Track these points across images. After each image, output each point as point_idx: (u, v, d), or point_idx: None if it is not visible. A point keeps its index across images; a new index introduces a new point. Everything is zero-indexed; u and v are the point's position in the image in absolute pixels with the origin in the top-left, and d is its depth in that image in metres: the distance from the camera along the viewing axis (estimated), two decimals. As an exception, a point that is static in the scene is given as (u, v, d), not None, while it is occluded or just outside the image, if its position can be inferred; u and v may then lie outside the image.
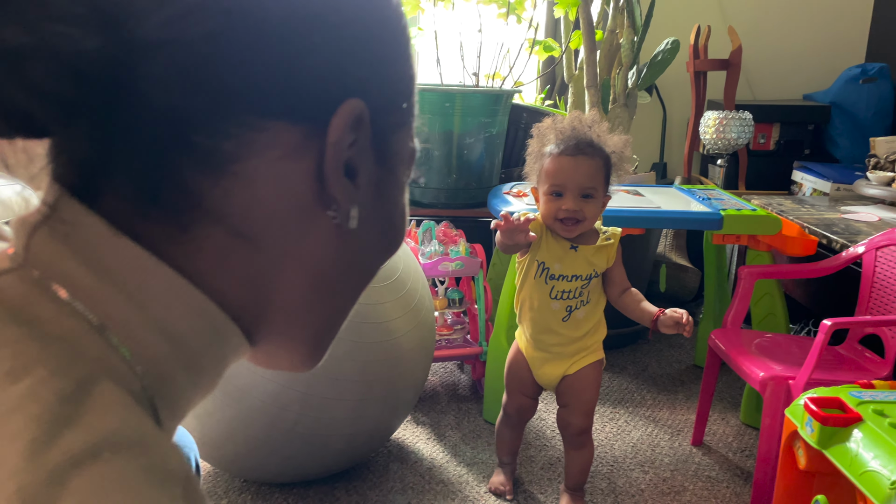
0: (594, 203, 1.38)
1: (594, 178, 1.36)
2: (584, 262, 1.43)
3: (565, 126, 1.40)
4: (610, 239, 1.45)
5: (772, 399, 1.52)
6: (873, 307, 1.69)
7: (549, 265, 1.43)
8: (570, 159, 1.35)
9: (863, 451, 1.15)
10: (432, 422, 1.93)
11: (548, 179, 1.38)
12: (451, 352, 2.05)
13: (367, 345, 1.46)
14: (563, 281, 1.43)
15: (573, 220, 1.36)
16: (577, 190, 1.35)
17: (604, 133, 1.41)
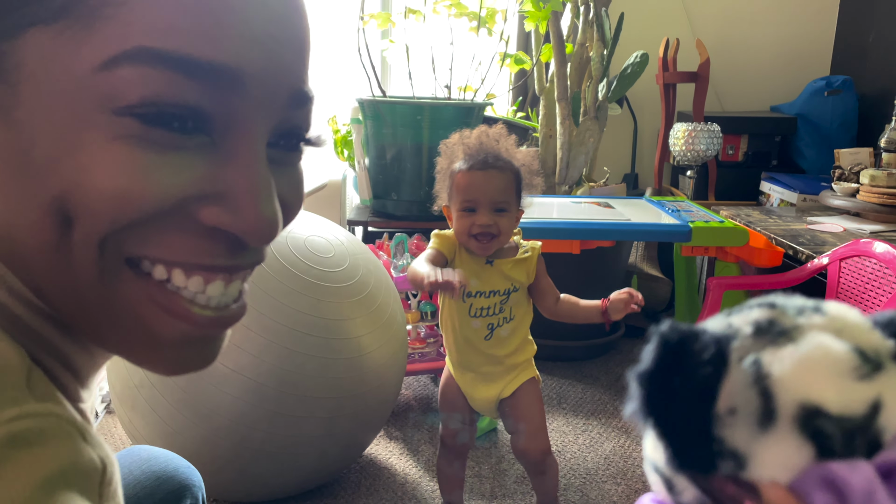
0: (508, 217, 1.33)
1: (506, 192, 1.33)
2: (500, 277, 1.38)
3: (472, 141, 1.37)
4: (528, 252, 1.40)
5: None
6: (838, 317, 1.72)
7: (466, 283, 1.39)
8: (480, 174, 1.32)
9: (827, 462, 1.17)
10: (405, 437, 1.92)
11: (459, 195, 1.33)
12: (424, 365, 2.05)
13: (337, 360, 1.45)
14: (481, 297, 1.37)
15: (488, 236, 1.32)
16: (489, 204, 1.31)
17: (511, 147, 1.38)
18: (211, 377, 1.36)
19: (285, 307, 1.40)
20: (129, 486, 0.78)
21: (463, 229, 1.33)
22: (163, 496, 0.81)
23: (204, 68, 0.34)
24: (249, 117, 0.38)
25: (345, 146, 2.70)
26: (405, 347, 1.68)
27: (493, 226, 1.31)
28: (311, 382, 1.42)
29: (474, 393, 1.43)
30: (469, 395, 1.43)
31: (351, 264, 1.55)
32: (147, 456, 0.82)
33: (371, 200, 2.46)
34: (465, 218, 1.32)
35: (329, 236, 1.58)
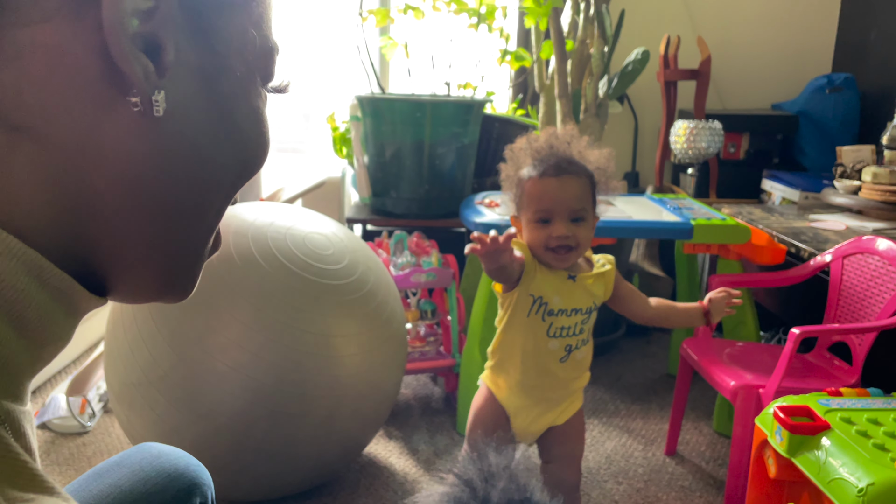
0: (586, 226, 1.23)
1: (583, 199, 1.23)
2: (584, 294, 1.27)
3: (542, 145, 1.27)
4: (606, 265, 1.31)
5: (742, 408, 1.52)
6: (841, 315, 1.71)
7: (548, 299, 1.25)
8: (554, 181, 1.22)
9: (831, 459, 1.15)
10: (405, 436, 1.91)
11: (532, 205, 1.23)
12: (423, 364, 2.04)
13: (335, 359, 1.43)
14: (563, 316, 1.26)
15: (566, 248, 1.22)
16: (566, 213, 1.21)
17: (584, 149, 1.28)
18: (209, 375, 1.35)
19: (284, 304, 1.39)
20: (140, 483, 0.78)
21: (538, 242, 1.23)
22: (174, 493, 0.80)
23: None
24: None
25: (343, 143, 2.69)
26: (405, 346, 1.66)
27: (572, 237, 1.21)
28: (310, 381, 1.41)
29: (526, 419, 1.31)
30: (516, 421, 1.31)
31: (350, 262, 1.53)
32: (157, 453, 0.82)
33: (370, 198, 2.45)
34: (539, 229, 1.22)
35: (328, 233, 1.57)
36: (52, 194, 0.31)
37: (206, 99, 0.35)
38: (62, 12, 0.29)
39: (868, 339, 1.56)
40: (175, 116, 0.34)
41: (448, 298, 2.06)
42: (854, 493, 1.08)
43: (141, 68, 0.31)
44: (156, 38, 0.32)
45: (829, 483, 1.13)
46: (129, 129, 0.32)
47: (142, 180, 0.34)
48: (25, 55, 0.29)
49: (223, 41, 0.36)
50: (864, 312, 1.63)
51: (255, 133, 0.39)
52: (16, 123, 0.30)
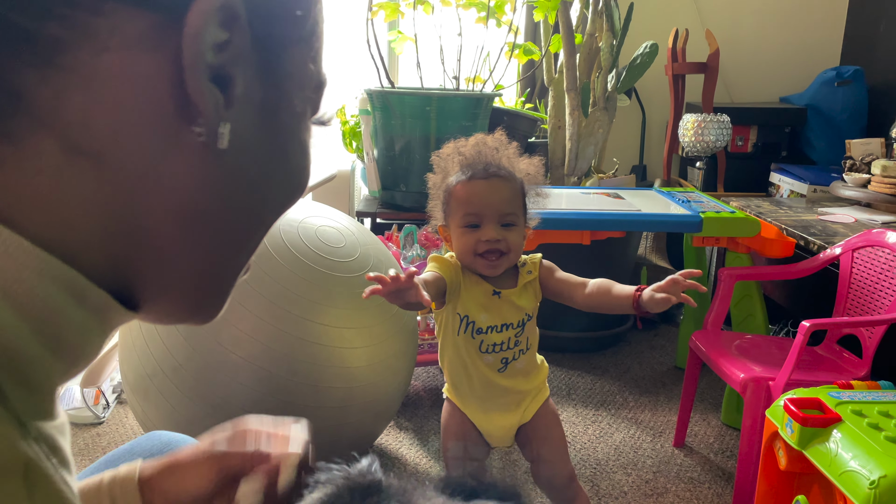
0: (516, 232, 1.19)
1: (513, 203, 1.18)
2: (511, 309, 1.23)
3: (469, 150, 1.22)
4: (531, 272, 1.25)
5: (752, 400, 1.53)
6: (850, 308, 1.71)
7: (475, 317, 1.22)
8: (482, 183, 1.17)
9: (842, 452, 1.16)
10: (416, 427, 1.93)
11: (460, 209, 1.18)
12: (433, 356, 2.05)
13: (348, 351, 1.45)
14: (493, 333, 1.22)
15: (496, 253, 1.17)
16: (496, 217, 1.16)
17: (514, 156, 1.24)
18: (222, 367, 1.37)
19: (296, 296, 1.40)
20: None
21: (466, 248, 1.18)
22: None
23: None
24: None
25: (353, 137, 2.70)
26: (415, 338, 1.68)
27: (502, 241, 1.17)
28: (322, 372, 1.42)
29: (489, 425, 1.28)
30: (484, 428, 1.29)
31: (362, 254, 1.54)
32: (167, 440, 0.82)
33: (380, 192, 2.46)
34: (468, 234, 1.17)
35: (340, 226, 1.58)
36: (106, 218, 0.32)
37: (264, 132, 0.36)
38: (142, 42, 0.30)
39: (878, 332, 1.57)
40: (235, 149, 0.34)
41: (457, 291, 2.07)
42: (866, 485, 1.09)
43: (213, 100, 0.31)
44: (226, 70, 0.32)
45: (841, 475, 1.14)
46: (191, 159, 0.33)
47: (196, 210, 0.34)
48: (99, 80, 0.29)
49: (287, 76, 0.36)
50: (874, 305, 1.64)
51: (301, 166, 0.40)
52: (80, 146, 0.30)
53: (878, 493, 1.07)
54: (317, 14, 0.38)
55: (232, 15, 0.31)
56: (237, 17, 0.31)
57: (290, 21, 0.35)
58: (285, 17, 0.35)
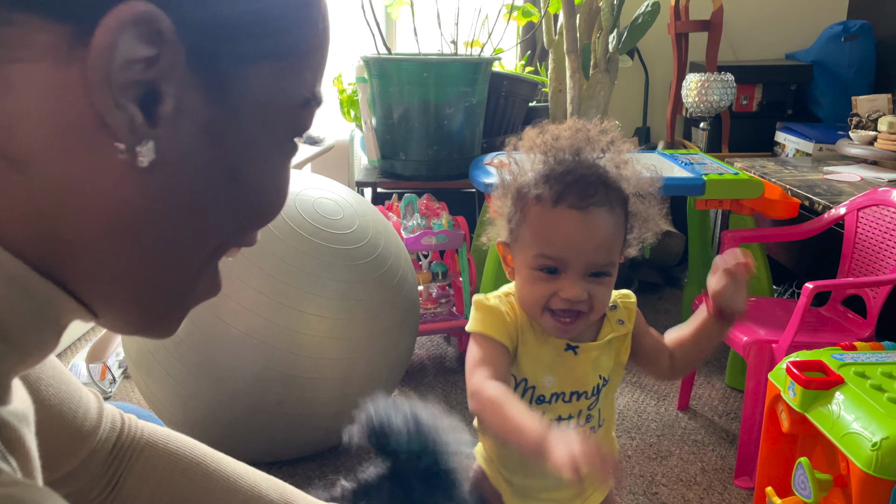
0: (608, 284, 0.84)
1: (611, 245, 0.83)
2: (589, 369, 0.88)
3: (563, 145, 0.84)
4: (622, 322, 0.90)
5: (755, 363, 1.53)
6: (855, 268, 1.70)
7: (536, 381, 0.87)
8: (575, 216, 0.81)
9: (844, 414, 1.16)
10: (420, 395, 1.93)
11: (535, 244, 0.83)
12: (436, 325, 2.05)
13: (348, 322, 1.44)
14: (561, 403, 0.88)
15: (574, 314, 0.83)
16: (584, 268, 0.82)
17: (622, 161, 0.86)
18: (224, 341, 1.37)
19: (295, 270, 1.40)
20: None
21: (536, 299, 0.83)
22: None
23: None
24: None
25: (351, 106, 2.67)
26: (417, 309, 1.67)
27: (586, 301, 0.82)
28: (324, 344, 1.42)
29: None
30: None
31: (360, 226, 1.53)
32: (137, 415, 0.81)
33: (379, 161, 2.44)
34: (539, 283, 0.83)
35: (338, 198, 1.57)
36: (37, 225, 0.32)
37: (209, 152, 0.35)
38: (52, 55, 0.30)
39: (883, 292, 1.55)
40: (168, 167, 0.33)
41: (459, 260, 2.06)
42: (868, 447, 1.09)
43: (126, 119, 0.31)
44: (155, 87, 0.31)
45: (843, 437, 1.13)
46: (116, 174, 0.32)
47: (124, 225, 0.34)
48: (16, 90, 0.30)
49: (239, 95, 0.35)
50: (879, 265, 1.62)
51: (267, 188, 0.39)
52: (5, 152, 0.30)
53: (880, 454, 1.07)
54: (305, 30, 0.37)
55: (154, 30, 0.30)
56: (161, 33, 0.30)
57: (247, 38, 0.34)
58: (240, 34, 0.34)
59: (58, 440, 0.61)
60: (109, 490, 0.65)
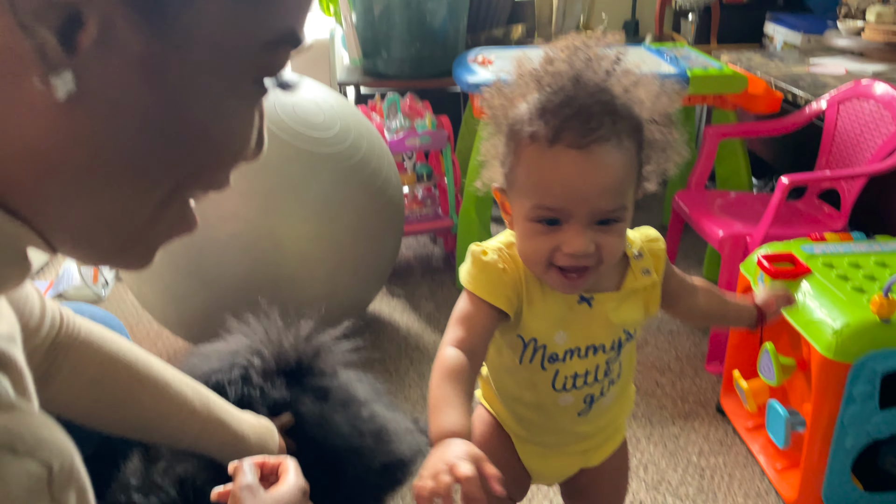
0: (619, 231, 0.72)
1: (620, 187, 0.70)
2: (604, 322, 0.79)
3: (560, 69, 0.71)
4: (648, 271, 0.80)
5: (730, 256, 1.58)
6: (833, 162, 1.72)
7: (547, 339, 0.79)
8: (577, 157, 0.68)
9: (809, 302, 1.21)
10: (407, 294, 1.99)
11: (531, 192, 0.72)
12: (422, 226, 2.08)
13: (333, 225, 1.47)
14: (576, 359, 0.80)
15: (581, 269, 0.72)
16: (589, 216, 0.70)
17: (632, 81, 0.72)
18: (211, 244, 1.39)
19: (278, 174, 1.40)
20: None
21: (537, 256, 0.73)
22: None
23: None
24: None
25: (330, 1, 2.58)
26: (401, 210, 1.69)
27: (593, 254, 0.71)
28: (310, 245, 1.45)
29: (541, 465, 0.91)
30: (530, 464, 0.91)
31: (342, 128, 1.53)
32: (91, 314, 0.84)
33: (361, 60, 2.39)
34: (541, 236, 0.72)
35: (318, 100, 1.55)
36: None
37: (146, 91, 0.32)
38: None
39: (857, 184, 1.58)
40: (95, 103, 0.31)
41: (444, 161, 2.07)
42: (829, 333, 1.14)
43: (35, 44, 0.29)
44: (78, 13, 0.29)
45: (807, 324, 1.19)
46: (35, 107, 0.31)
47: (58, 163, 0.32)
48: None
49: (184, 30, 0.32)
50: (856, 158, 1.64)
51: (220, 134, 0.37)
52: None
53: (840, 340, 1.13)
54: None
55: None
56: None
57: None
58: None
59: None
60: (41, 384, 0.65)
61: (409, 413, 1.53)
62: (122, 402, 0.74)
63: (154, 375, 0.76)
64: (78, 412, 0.72)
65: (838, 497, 1.21)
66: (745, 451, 1.42)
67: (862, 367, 1.12)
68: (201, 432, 0.79)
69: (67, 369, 0.70)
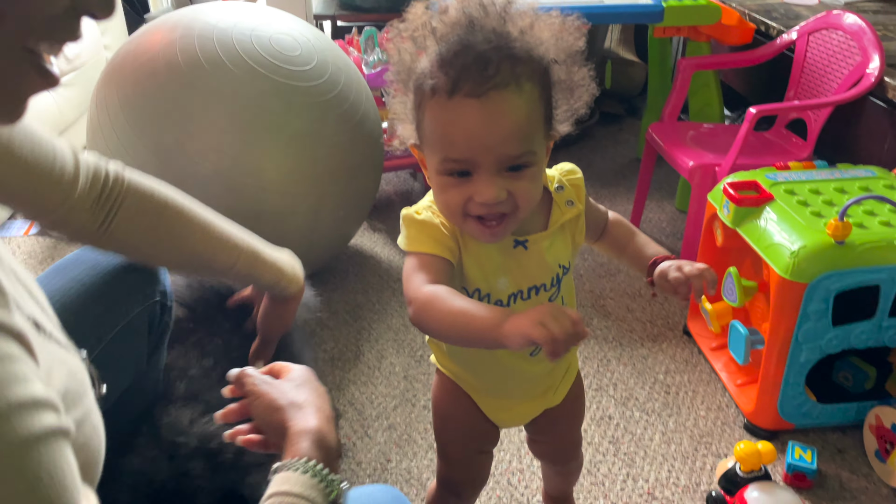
0: (531, 176, 0.72)
1: (527, 131, 0.70)
2: (541, 262, 0.81)
3: (453, 19, 0.70)
4: (571, 202, 0.83)
5: (699, 185, 1.63)
6: (801, 92, 1.76)
7: (490, 287, 0.80)
8: (474, 105, 0.67)
9: (770, 227, 1.27)
10: (388, 228, 2.04)
11: (438, 146, 0.71)
12: (402, 161, 2.10)
13: (314, 159, 1.50)
14: (520, 301, 0.81)
15: (498, 217, 0.73)
16: (496, 164, 0.70)
17: (528, 22, 0.71)
18: (193, 179, 1.42)
19: (257, 108, 1.42)
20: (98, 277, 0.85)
21: (451, 208, 0.73)
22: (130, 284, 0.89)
23: None
24: None
25: (304, -68, 2.53)
26: (380, 145, 1.72)
27: (507, 200, 0.71)
28: (290, 180, 1.48)
29: (504, 414, 0.94)
30: (494, 415, 0.94)
31: (319, 62, 1.54)
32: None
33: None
34: (452, 188, 0.72)
35: (294, 33, 1.55)
36: None
37: None
38: None
39: (822, 114, 1.63)
40: None
41: (421, 94, 2.08)
42: (787, 255, 1.21)
43: None
44: None
45: (767, 247, 1.26)
46: None
47: None
48: None
49: None
50: (823, 89, 1.68)
51: (13, 86, 0.40)
52: None
53: (796, 261, 1.19)
54: None
55: None
56: None
57: None
58: None
59: (42, 191, 0.73)
60: (104, 229, 0.79)
61: (391, 339, 1.60)
62: (177, 244, 0.85)
63: (200, 219, 0.87)
64: (140, 255, 0.85)
65: (792, 408, 1.31)
66: (708, 369, 1.51)
67: (817, 287, 1.19)
68: (244, 266, 0.90)
69: (125, 219, 0.80)
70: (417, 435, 1.35)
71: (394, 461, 1.29)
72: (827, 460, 1.28)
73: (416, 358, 1.55)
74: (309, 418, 0.63)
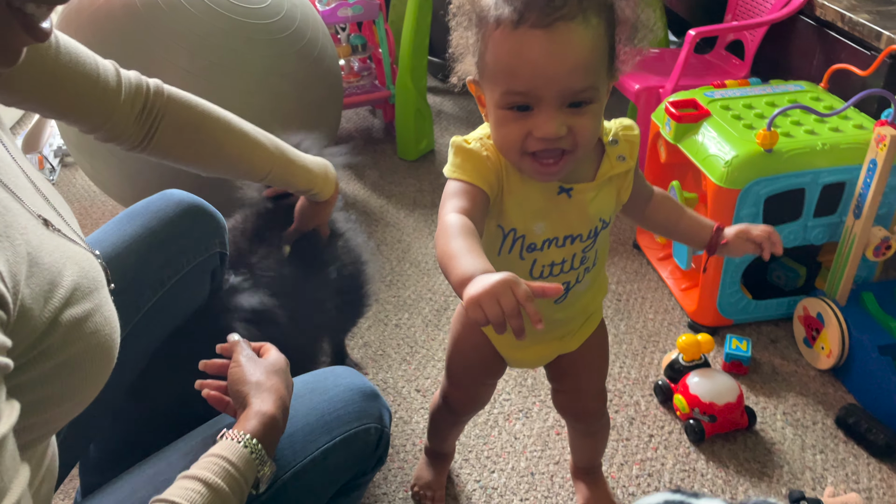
0: (593, 113, 0.72)
1: (592, 67, 0.70)
2: (581, 213, 0.81)
3: None
4: (623, 157, 0.82)
5: (644, 107, 1.72)
6: (740, 14, 1.84)
7: (526, 229, 0.81)
8: (541, 37, 0.67)
9: (707, 141, 1.38)
10: (351, 164, 2.09)
11: (500, 79, 0.71)
12: (360, 98, 2.15)
13: (274, 97, 1.54)
14: (553, 248, 0.82)
15: (557, 153, 0.73)
16: (558, 98, 0.69)
17: None
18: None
19: (216, 47, 1.45)
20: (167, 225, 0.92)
21: (510, 143, 0.73)
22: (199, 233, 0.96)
23: None
24: None
25: None
26: (339, 81, 1.76)
27: (567, 136, 0.71)
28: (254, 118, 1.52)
29: (520, 354, 0.97)
30: (509, 356, 0.97)
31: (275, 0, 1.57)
32: (178, 199, 0.96)
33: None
34: (511, 123, 0.72)
35: (248, -29, 1.57)
36: None
37: None
38: None
39: (758, 34, 1.72)
40: None
41: (377, 31, 2.11)
42: (721, 164, 1.31)
43: None
44: None
45: (704, 160, 1.36)
46: None
47: None
48: None
49: None
50: (759, 10, 1.77)
51: None
52: None
53: (730, 170, 1.30)
54: None
55: None
56: None
57: None
58: None
59: (87, 100, 0.79)
60: (148, 140, 0.86)
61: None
62: (216, 150, 0.93)
63: (236, 126, 0.95)
64: (183, 160, 0.93)
65: (730, 305, 1.43)
66: (656, 277, 1.63)
67: (748, 192, 1.31)
68: (279, 171, 0.99)
69: (170, 128, 0.87)
70: (391, 350, 1.45)
71: (371, 374, 1.39)
72: (761, 350, 1.42)
73: (386, 283, 1.64)
74: (268, 403, 0.70)
